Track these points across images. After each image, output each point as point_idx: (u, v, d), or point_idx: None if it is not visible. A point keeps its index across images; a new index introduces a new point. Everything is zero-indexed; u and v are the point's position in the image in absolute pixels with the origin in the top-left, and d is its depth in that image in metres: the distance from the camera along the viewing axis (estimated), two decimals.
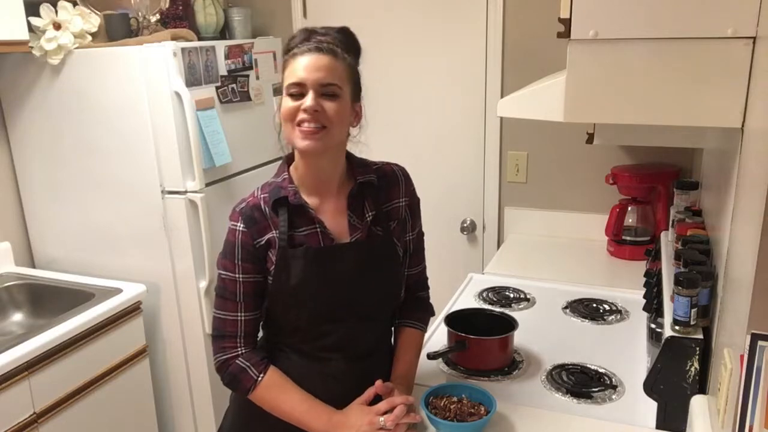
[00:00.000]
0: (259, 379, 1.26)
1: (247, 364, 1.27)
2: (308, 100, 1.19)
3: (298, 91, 1.20)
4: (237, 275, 1.26)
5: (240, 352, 1.28)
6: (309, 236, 1.27)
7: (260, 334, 1.35)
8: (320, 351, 1.30)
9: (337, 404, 1.29)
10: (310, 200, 1.29)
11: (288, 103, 1.21)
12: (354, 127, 1.29)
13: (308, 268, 1.25)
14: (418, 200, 1.44)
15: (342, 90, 1.22)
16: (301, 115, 1.20)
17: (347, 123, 1.25)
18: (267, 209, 1.26)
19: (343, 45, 1.25)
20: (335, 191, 1.31)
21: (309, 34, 1.25)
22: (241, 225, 1.26)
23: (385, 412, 1.23)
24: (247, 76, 2.45)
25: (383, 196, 1.35)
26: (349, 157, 1.34)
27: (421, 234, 1.45)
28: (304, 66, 1.19)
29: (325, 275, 1.26)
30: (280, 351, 1.33)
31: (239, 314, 1.27)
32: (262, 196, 1.29)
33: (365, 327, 1.33)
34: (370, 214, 1.31)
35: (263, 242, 1.25)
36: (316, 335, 1.29)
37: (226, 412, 1.45)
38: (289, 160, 1.34)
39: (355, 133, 1.31)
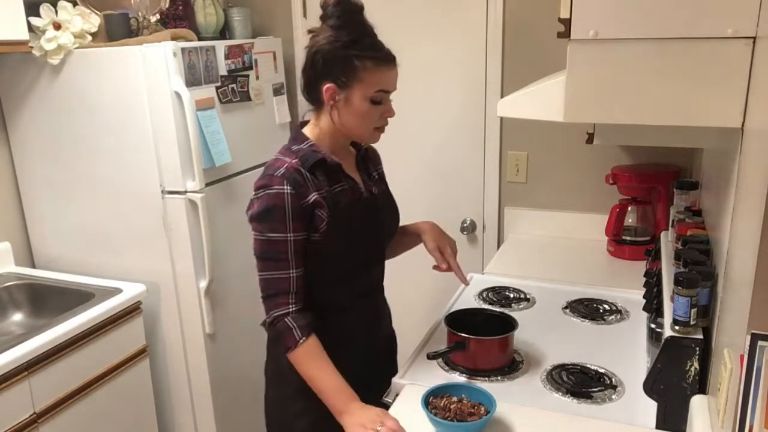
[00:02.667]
0: (301, 341, 1.36)
1: (294, 324, 1.37)
2: (392, 108, 1.43)
3: (381, 98, 1.39)
4: (288, 234, 1.36)
5: (291, 310, 1.38)
6: (341, 192, 1.44)
7: None
8: (352, 298, 1.50)
9: (370, 341, 1.56)
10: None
11: (369, 106, 1.38)
12: None
13: (354, 220, 1.44)
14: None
15: None
16: (381, 122, 1.42)
17: None
18: (306, 173, 1.39)
19: None
20: (347, 154, 1.52)
21: (359, 21, 1.37)
22: (288, 187, 1.35)
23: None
24: (247, 76, 2.45)
25: (374, 161, 1.61)
26: None
27: None
28: (392, 80, 1.41)
29: (366, 224, 1.47)
30: (319, 312, 1.44)
31: (291, 271, 1.38)
32: (293, 161, 1.40)
33: (380, 266, 1.60)
34: (375, 173, 1.57)
35: (309, 203, 1.37)
36: (351, 281, 1.50)
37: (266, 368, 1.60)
38: (303, 125, 1.49)
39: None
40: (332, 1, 1.36)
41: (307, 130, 1.45)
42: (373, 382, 1.53)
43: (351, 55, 1.34)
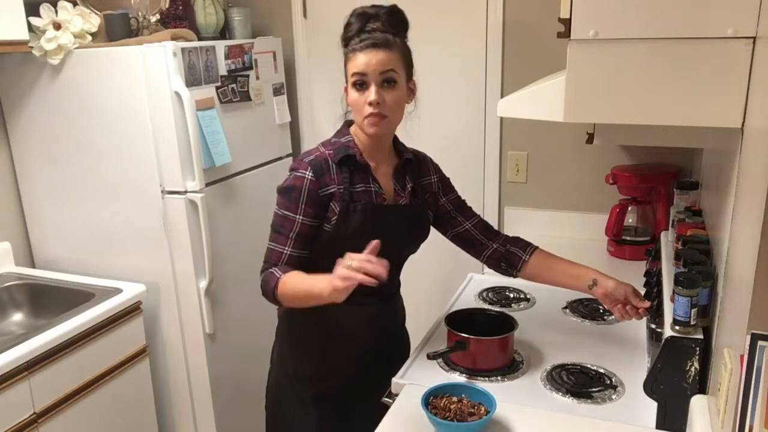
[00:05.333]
0: (281, 277, 1.41)
1: (275, 269, 1.44)
2: (372, 93, 1.40)
3: (361, 80, 1.40)
4: (298, 216, 1.44)
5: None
6: (364, 193, 1.48)
7: None
8: (361, 296, 1.40)
9: (377, 340, 1.59)
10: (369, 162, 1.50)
11: (354, 94, 1.43)
12: (409, 103, 1.51)
13: (366, 221, 1.46)
14: (447, 177, 1.69)
15: (398, 74, 1.43)
16: (367, 109, 1.41)
17: (404, 105, 1.49)
18: (333, 165, 1.45)
19: (394, 28, 1.44)
20: (385, 160, 1.54)
21: (363, 23, 1.42)
22: (310, 174, 1.43)
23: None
24: (247, 76, 2.45)
25: (417, 172, 1.60)
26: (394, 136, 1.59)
27: (460, 198, 1.69)
28: (365, 62, 1.39)
29: (379, 228, 1.46)
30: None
31: (286, 248, 1.45)
32: (327, 152, 1.47)
33: (392, 272, 1.51)
34: (410, 185, 1.56)
35: (327, 193, 1.44)
36: None
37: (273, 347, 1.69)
38: (350, 123, 1.53)
39: (410, 109, 1.53)
40: (355, 10, 1.46)
41: (353, 127, 1.52)
42: (374, 381, 1.55)
43: (345, 51, 1.45)
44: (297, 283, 1.39)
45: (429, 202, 1.62)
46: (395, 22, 1.46)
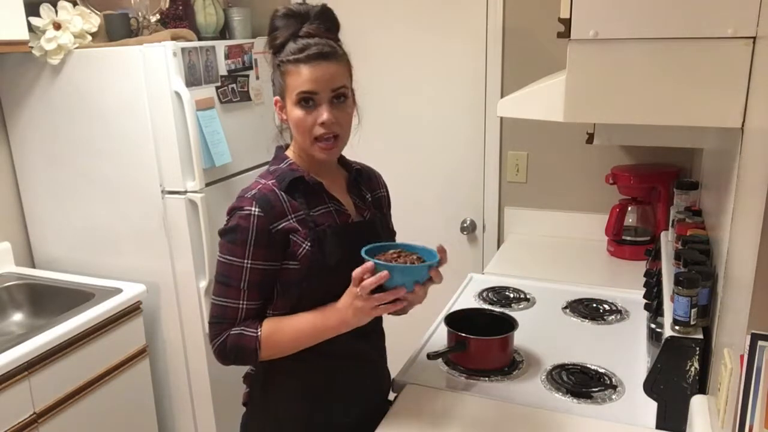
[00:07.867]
0: (259, 332, 1.24)
1: (240, 328, 1.25)
2: (325, 114, 1.23)
3: (309, 97, 1.23)
4: (246, 261, 1.23)
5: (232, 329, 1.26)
6: (324, 215, 1.29)
7: None
8: (343, 336, 1.27)
9: (355, 385, 1.35)
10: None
11: (299, 112, 1.24)
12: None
13: (340, 245, 1.27)
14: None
15: (348, 87, 1.27)
16: (319, 130, 1.24)
17: (352, 120, 1.30)
18: (282, 194, 1.26)
19: (330, 31, 1.27)
20: (335, 175, 1.37)
21: (295, 26, 1.24)
22: (257, 209, 1.22)
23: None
24: (247, 76, 2.45)
25: (368, 185, 1.44)
26: None
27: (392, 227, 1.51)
28: (315, 78, 1.21)
29: (353, 250, 1.27)
30: (301, 353, 1.29)
31: (241, 302, 1.25)
32: (270, 182, 1.28)
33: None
34: (368, 196, 1.40)
35: (281, 228, 1.23)
36: None
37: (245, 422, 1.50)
38: (286, 146, 1.38)
39: (355, 123, 1.33)
40: (278, 11, 1.27)
41: (288, 151, 1.36)
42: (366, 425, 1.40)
43: (278, 62, 1.26)
44: (294, 326, 1.24)
45: (385, 214, 1.47)
46: (330, 24, 1.27)
